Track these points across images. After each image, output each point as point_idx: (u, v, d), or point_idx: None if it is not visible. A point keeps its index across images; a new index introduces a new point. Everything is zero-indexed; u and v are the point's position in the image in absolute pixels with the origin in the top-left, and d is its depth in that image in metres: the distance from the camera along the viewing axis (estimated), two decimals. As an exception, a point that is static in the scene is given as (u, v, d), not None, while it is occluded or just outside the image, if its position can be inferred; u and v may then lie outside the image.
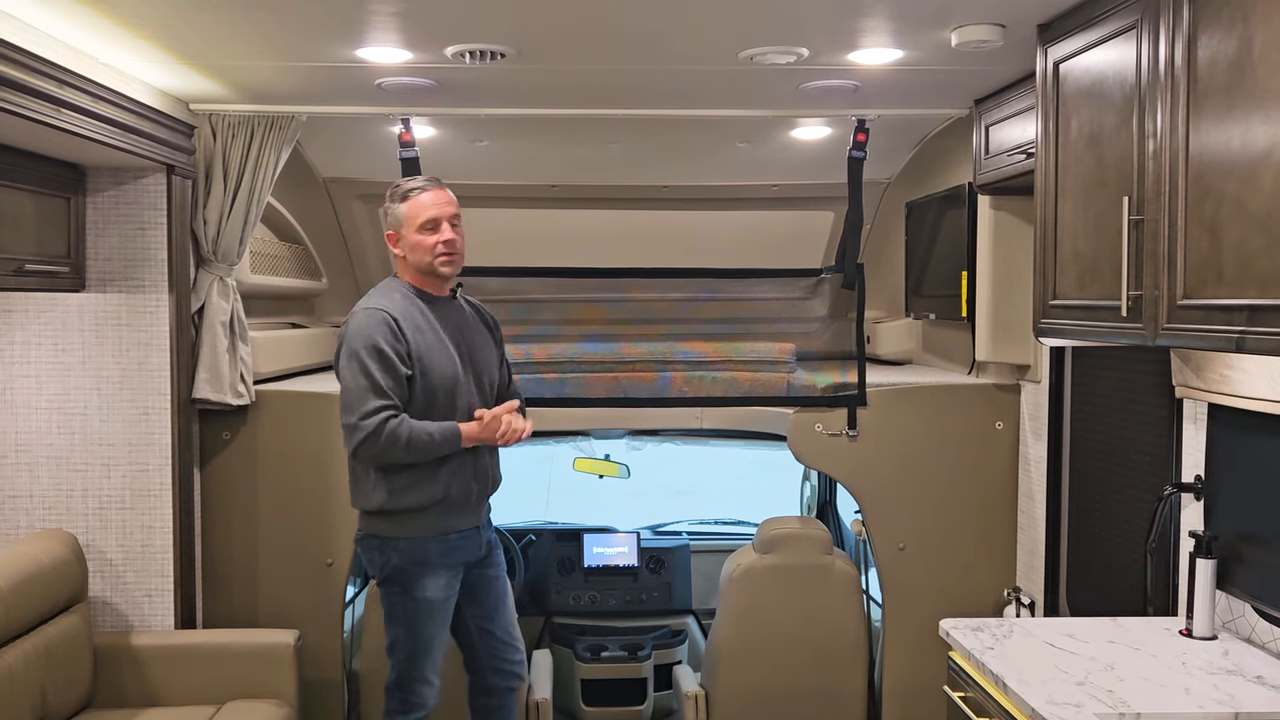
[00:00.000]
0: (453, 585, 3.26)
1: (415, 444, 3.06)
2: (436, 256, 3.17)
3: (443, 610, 3.25)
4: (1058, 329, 2.82)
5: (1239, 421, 2.61)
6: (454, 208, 3.22)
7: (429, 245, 3.17)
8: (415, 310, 3.19)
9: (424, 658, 3.24)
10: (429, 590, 3.20)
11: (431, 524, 3.18)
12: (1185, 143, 2.22)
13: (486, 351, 3.35)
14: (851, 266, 4.01)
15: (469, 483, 3.21)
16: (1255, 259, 2.01)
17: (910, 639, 3.92)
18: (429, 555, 3.19)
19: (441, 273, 3.21)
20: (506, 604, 3.45)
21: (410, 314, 3.17)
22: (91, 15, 2.71)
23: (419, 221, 3.17)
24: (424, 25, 2.86)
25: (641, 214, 4.99)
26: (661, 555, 5.26)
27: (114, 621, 3.68)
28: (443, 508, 3.18)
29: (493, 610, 3.40)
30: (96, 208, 3.60)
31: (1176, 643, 2.62)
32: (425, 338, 3.16)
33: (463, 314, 3.34)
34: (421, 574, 3.19)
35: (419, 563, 3.18)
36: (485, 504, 3.37)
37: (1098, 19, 2.58)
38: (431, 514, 3.18)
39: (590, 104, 3.70)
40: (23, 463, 3.61)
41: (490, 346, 3.39)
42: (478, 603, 3.37)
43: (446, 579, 3.23)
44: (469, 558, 3.29)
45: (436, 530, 3.19)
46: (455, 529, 3.22)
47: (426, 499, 3.15)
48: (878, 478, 3.95)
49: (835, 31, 2.92)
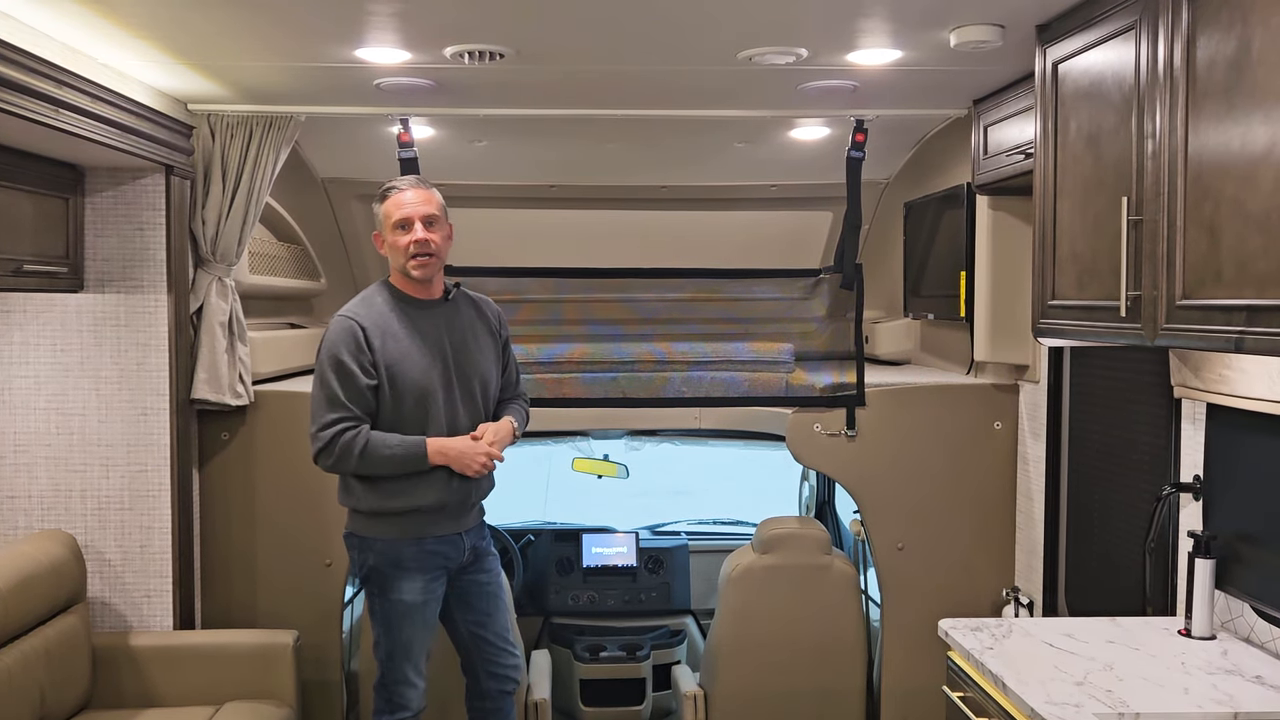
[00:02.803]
0: (431, 589, 3.22)
1: (371, 457, 3.06)
2: (409, 258, 3.13)
3: (420, 614, 3.21)
4: (1056, 329, 2.83)
5: (1238, 421, 2.61)
6: (430, 208, 3.14)
7: (401, 246, 3.13)
8: (394, 316, 3.15)
9: (402, 659, 3.22)
10: (404, 593, 3.18)
11: (407, 528, 3.17)
12: (1184, 143, 2.22)
13: (483, 354, 3.28)
14: (850, 266, 4.01)
15: (444, 492, 3.15)
16: (1254, 259, 2.01)
17: (909, 639, 3.92)
18: (403, 558, 3.17)
19: (413, 275, 3.14)
20: (500, 609, 3.41)
21: (385, 321, 3.14)
22: (90, 15, 2.71)
23: (392, 221, 3.14)
24: (423, 25, 2.86)
25: (640, 214, 4.99)
26: (660, 555, 5.26)
27: (112, 622, 3.68)
28: (418, 514, 3.16)
29: (484, 615, 3.36)
30: (95, 208, 3.59)
31: (1175, 642, 2.62)
32: (398, 345, 3.12)
33: (456, 316, 3.27)
34: (397, 576, 3.18)
35: (394, 564, 3.18)
36: (471, 511, 3.30)
37: (1097, 19, 2.58)
38: (407, 518, 3.16)
39: (589, 104, 3.70)
40: (21, 463, 3.61)
41: (490, 348, 3.32)
42: (470, 608, 3.35)
43: (423, 583, 3.20)
44: (449, 564, 3.25)
45: (412, 534, 3.17)
46: (432, 534, 3.19)
47: (400, 504, 3.14)
48: (876, 478, 3.95)
49: (834, 32, 2.92)
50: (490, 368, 3.31)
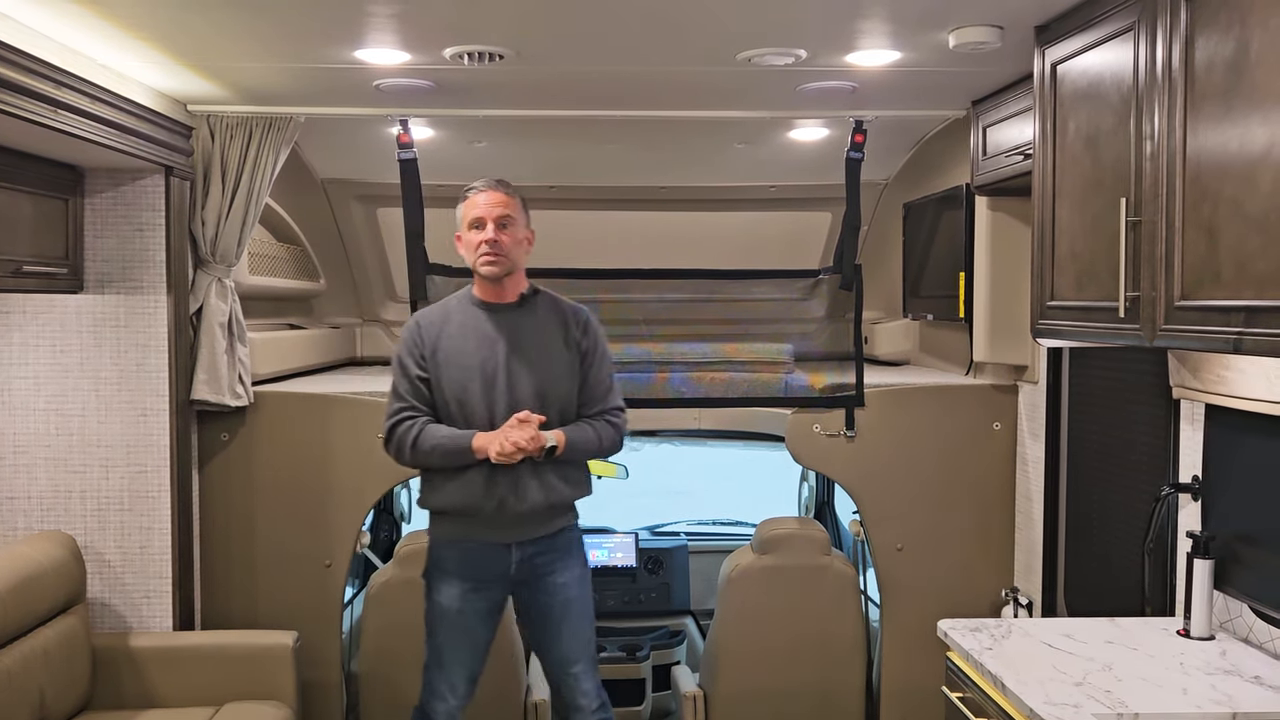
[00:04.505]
0: (470, 601, 3.16)
1: (421, 448, 3.10)
2: (478, 256, 3.14)
3: (455, 623, 3.17)
4: (1055, 330, 2.83)
5: (1236, 422, 2.62)
6: (504, 209, 3.13)
7: (473, 244, 3.14)
8: (459, 316, 3.18)
9: (435, 666, 3.19)
10: (442, 596, 3.18)
11: (449, 529, 3.19)
12: (1183, 144, 2.22)
13: (546, 362, 3.16)
14: (849, 267, 4.01)
15: (479, 496, 3.09)
16: (1252, 260, 2.01)
17: (908, 639, 3.92)
18: (444, 560, 3.20)
19: (482, 273, 3.15)
20: (561, 636, 3.23)
21: (446, 320, 3.19)
22: (89, 16, 2.71)
23: (467, 220, 3.16)
24: (422, 27, 2.86)
25: (639, 215, 4.99)
26: (660, 556, 5.26)
27: (112, 623, 3.68)
28: (457, 516, 3.15)
29: (543, 636, 3.25)
30: (94, 209, 3.59)
31: (1174, 643, 2.62)
32: (450, 343, 3.15)
33: (525, 321, 3.18)
34: (437, 577, 3.20)
35: (436, 564, 3.21)
36: (520, 523, 3.14)
37: (1095, 21, 2.58)
38: (449, 520, 3.18)
39: (588, 105, 3.69)
40: (21, 464, 3.61)
41: (561, 357, 3.18)
42: (532, 625, 3.29)
43: (461, 590, 3.16)
44: (490, 574, 3.17)
45: (452, 536, 3.18)
46: (471, 539, 3.16)
47: (435, 500, 3.18)
48: (875, 478, 3.95)
49: (833, 33, 2.93)
50: (553, 376, 3.17)
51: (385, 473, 3.82)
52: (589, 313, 3.30)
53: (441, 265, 3.95)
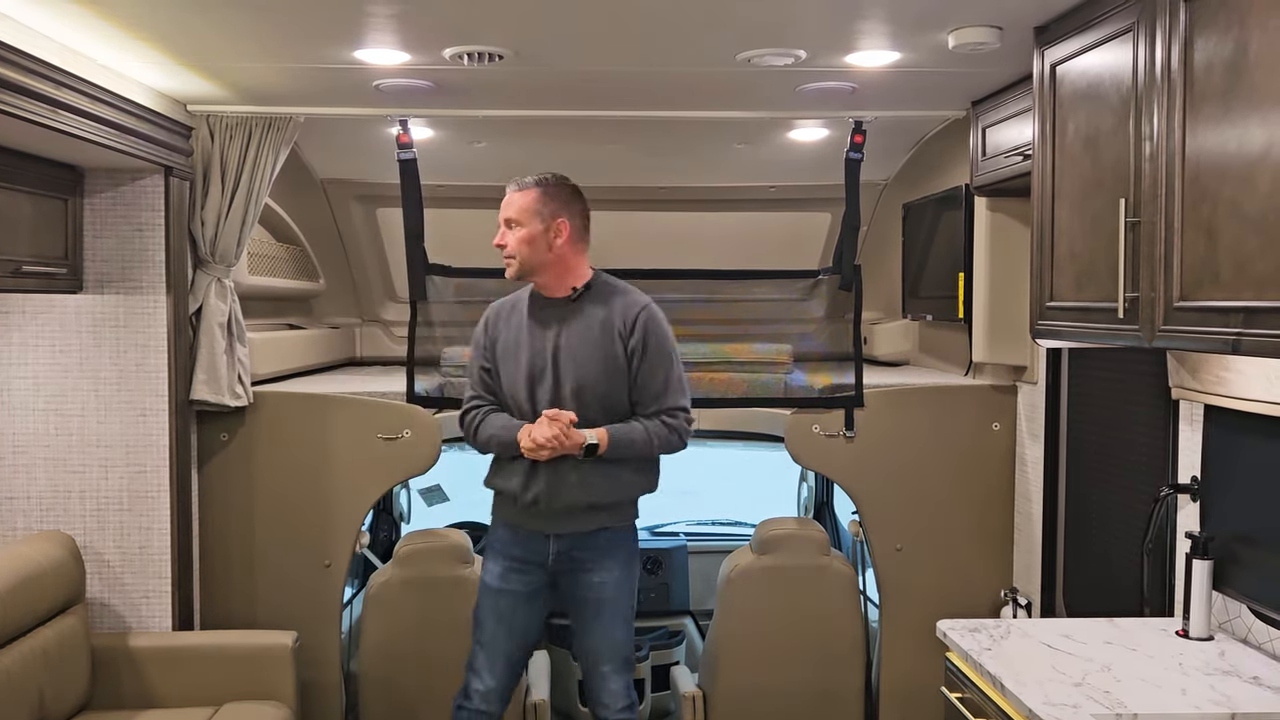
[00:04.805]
0: (510, 580, 3.27)
1: (480, 438, 3.25)
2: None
3: (494, 600, 3.28)
4: (1054, 330, 2.83)
5: (1235, 423, 2.62)
6: (512, 210, 3.17)
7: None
8: (523, 309, 3.26)
9: (475, 640, 3.32)
10: (487, 573, 3.32)
11: (502, 510, 3.31)
12: (1181, 145, 2.22)
13: (591, 358, 3.13)
14: (849, 268, 4.01)
15: (519, 487, 3.19)
16: (1251, 261, 2.01)
17: (907, 640, 3.92)
18: (494, 538, 3.33)
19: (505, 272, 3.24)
20: (593, 631, 3.30)
21: (511, 312, 3.28)
22: (89, 17, 2.71)
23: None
24: (422, 27, 2.86)
25: (639, 215, 4.99)
26: (659, 556, 5.26)
27: (111, 623, 3.68)
28: (508, 499, 3.26)
29: (578, 628, 3.37)
30: (94, 209, 3.59)
31: (1173, 643, 2.62)
32: (509, 335, 3.24)
33: (574, 316, 3.17)
34: (489, 555, 3.34)
35: (490, 543, 3.35)
36: (556, 516, 3.18)
37: (1094, 21, 2.58)
38: (501, 501, 3.31)
39: (588, 105, 3.70)
40: (20, 464, 3.61)
41: (608, 353, 3.13)
42: (571, 615, 3.40)
43: (502, 570, 3.28)
44: (530, 558, 3.27)
45: (504, 517, 3.30)
46: (515, 523, 3.27)
47: (493, 482, 3.30)
48: (875, 479, 3.95)
49: (832, 34, 2.93)
50: (596, 372, 3.14)
51: (385, 473, 3.83)
52: (648, 309, 3.20)
53: (441, 265, 3.95)
